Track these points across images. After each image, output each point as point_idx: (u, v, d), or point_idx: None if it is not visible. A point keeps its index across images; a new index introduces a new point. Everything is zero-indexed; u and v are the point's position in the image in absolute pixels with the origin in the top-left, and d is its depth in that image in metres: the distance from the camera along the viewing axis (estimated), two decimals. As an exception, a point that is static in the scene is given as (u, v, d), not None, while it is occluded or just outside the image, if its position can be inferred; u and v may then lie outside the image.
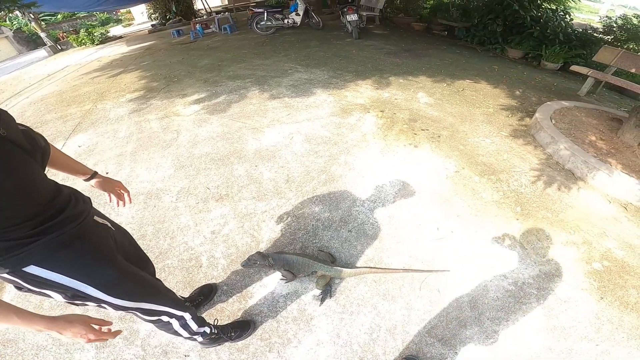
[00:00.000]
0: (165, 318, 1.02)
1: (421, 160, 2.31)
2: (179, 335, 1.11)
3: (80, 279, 0.79)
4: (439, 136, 2.59)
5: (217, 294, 1.54)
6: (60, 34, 15.38)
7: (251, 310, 1.47)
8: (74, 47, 12.18)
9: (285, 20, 6.85)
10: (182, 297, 1.43)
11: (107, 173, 2.77)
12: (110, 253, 0.87)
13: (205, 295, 1.53)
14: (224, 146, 2.75)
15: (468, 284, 1.50)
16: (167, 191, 2.36)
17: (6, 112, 0.75)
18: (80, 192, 0.91)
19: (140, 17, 17.33)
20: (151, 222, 2.08)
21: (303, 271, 1.48)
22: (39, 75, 8.08)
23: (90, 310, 1.34)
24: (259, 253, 1.48)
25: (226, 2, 14.53)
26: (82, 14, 18.45)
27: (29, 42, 19.83)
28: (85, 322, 0.75)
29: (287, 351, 1.32)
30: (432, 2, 8.43)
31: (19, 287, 0.76)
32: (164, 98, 4.14)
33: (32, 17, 12.01)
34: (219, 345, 1.33)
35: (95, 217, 0.91)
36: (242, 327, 1.37)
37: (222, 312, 1.47)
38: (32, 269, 0.74)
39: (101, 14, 19.93)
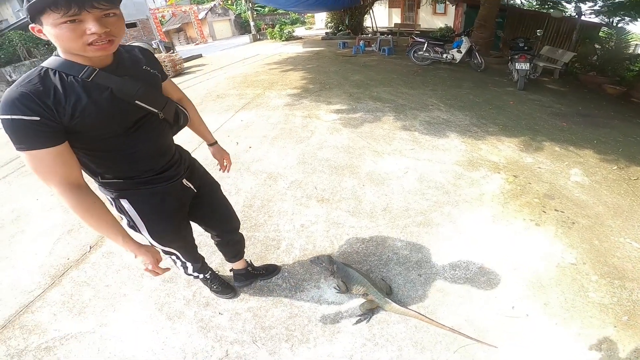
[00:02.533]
0: (174, 257, 1.44)
1: (536, 240, 2.18)
2: (179, 269, 1.55)
3: (142, 218, 1.14)
4: (574, 223, 2.33)
5: (276, 276, 1.94)
6: (263, 26, 19.58)
7: (295, 301, 1.79)
8: (267, 39, 15.24)
9: (444, 55, 6.90)
10: (250, 263, 1.91)
11: (249, 147, 3.54)
12: (170, 213, 1.21)
13: (268, 272, 1.94)
14: (343, 158, 3.16)
15: None
16: (284, 177, 2.93)
17: (170, 99, 1.11)
18: (186, 156, 1.28)
19: (320, 23, 20.18)
20: (262, 197, 2.68)
21: (357, 289, 1.71)
22: (238, 57, 10.54)
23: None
24: (329, 256, 1.79)
25: (392, 25, 15.36)
26: (281, 11, 22.91)
27: (242, 27, 26.01)
28: (153, 257, 1.05)
29: (300, 347, 1.56)
30: (645, 63, 6.87)
31: (111, 204, 1.15)
32: (313, 100, 4.90)
33: (250, 6, 15.54)
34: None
35: (184, 181, 1.23)
36: (225, 290, 1.79)
37: (272, 292, 1.86)
38: (123, 201, 1.10)
39: (294, 14, 24.23)
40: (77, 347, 1.63)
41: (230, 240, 1.67)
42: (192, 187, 1.29)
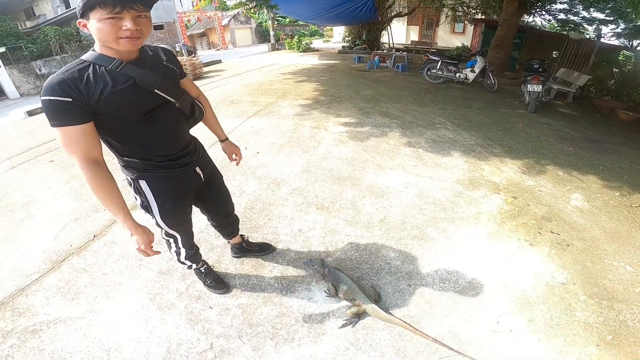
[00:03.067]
0: (172, 241, 1.58)
1: (528, 260, 2.19)
2: (172, 255, 1.69)
3: (155, 199, 1.32)
4: (568, 245, 2.34)
5: (270, 255, 2.14)
6: (282, 36, 20.11)
7: (285, 301, 1.85)
8: (285, 49, 15.64)
9: (457, 74, 6.95)
10: (246, 240, 2.11)
11: (257, 153, 3.64)
12: (182, 196, 1.39)
13: (262, 249, 2.13)
14: (346, 169, 3.23)
15: None
16: (287, 184, 3.03)
17: (187, 92, 1.28)
18: (199, 146, 1.46)
19: (337, 36, 20.64)
20: (263, 201, 2.78)
21: (346, 293, 1.75)
22: (256, 65, 10.83)
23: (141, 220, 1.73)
24: (321, 260, 1.85)
25: (409, 43, 15.58)
26: (301, 23, 23.56)
27: (262, 36, 26.81)
28: (147, 238, 1.20)
29: (284, 346, 1.61)
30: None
31: (130, 184, 1.33)
32: (322, 112, 5.01)
33: (271, 16, 15.98)
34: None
35: (196, 169, 1.41)
36: (218, 285, 1.88)
37: (264, 290, 1.92)
38: (141, 182, 1.27)
39: (313, 27, 24.86)
40: (63, 331, 1.68)
41: (224, 223, 1.85)
42: (202, 175, 1.46)
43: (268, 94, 6.22)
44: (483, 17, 11.93)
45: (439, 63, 7.05)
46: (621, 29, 8.47)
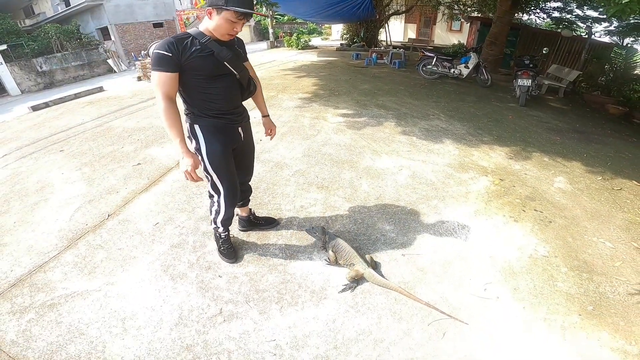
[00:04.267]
0: (215, 198, 1.81)
1: (512, 234, 2.34)
2: (210, 214, 1.91)
3: (203, 140, 1.64)
4: (551, 222, 2.48)
5: (275, 229, 2.30)
6: (281, 34, 20.09)
7: (289, 269, 1.99)
8: (284, 46, 15.65)
9: (452, 70, 7.09)
10: (253, 213, 2.29)
11: (260, 140, 3.78)
12: (226, 143, 1.70)
13: (267, 222, 2.32)
14: (344, 154, 3.39)
15: (474, 343, 1.58)
16: (289, 167, 3.19)
17: (244, 67, 1.66)
18: (246, 114, 1.82)
19: (336, 34, 20.65)
20: (268, 181, 2.94)
21: (345, 259, 1.90)
22: (255, 62, 10.91)
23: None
24: (322, 227, 1.99)
25: (407, 40, 15.69)
26: (299, 21, 23.54)
27: (260, 34, 26.73)
28: (195, 162, 1.52)
29: (288, 309, 1.74)
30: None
31: (188, 130, 1.66)
32: (322, 104, 5.15)
33: (270, 14, 15.98)
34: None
35: (239, 128, 1.77)
36: (230, 254, 2.03)
37: (269, 260, 2.07)
38: (196, 126, 1.62)
39: (312, 24, 24.86)
40: (80, 303, 1.78)
41: (242, 187, 2.01)
42: (242, 135, 1.80)
43: (269, 88, 6.34)
44: (479, 15, 12.10)
45: (434, 59, 7.20)
46: (614, 27, 8.64)
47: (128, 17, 15.77)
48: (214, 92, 1.56)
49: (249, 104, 1.85)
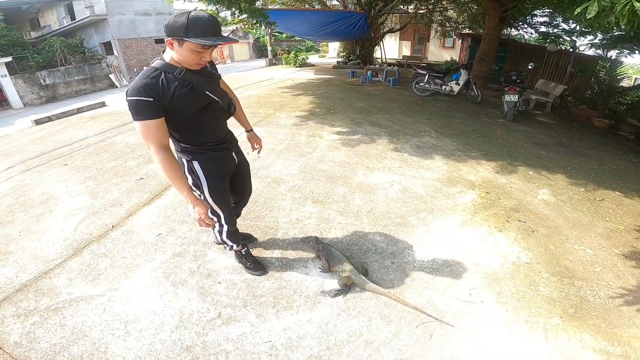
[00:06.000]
0: (215, 219, 1.79)
1: (496, 243, 2.47)
2: (215, 237, 2.00)
3: (204, 176, 1.63)
4: (533, 231, 2.63)
5: (254, 247, 2.36)
6: (279, 51, 20.64)
7: (285, 276, 2.10)
8: (282, 64, 16.08)
9: (443, 87, 7.35)
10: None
11: (259, 157, 3.94)
12: (225, 174, 1.73)
13: (244, 238, 2.29)
14: (338, 170, 3.56)
15: (460, 344, 1.68)
16: (286, 182, 3.34)
17: (226, 93, 1.62)
18: (234, 138, 1.80)
19: (333, 52, 21.21)
20: (265, 195, 3.08)
21: (337, 266, 2.02)
22: (254, 79, 11.22)
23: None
24: (316, 237, 2.13)
25: (401, 57, 16.23)
26: (298, 38, 24.22)
27: (259, 51, 27.41)
28: (206, 209, 1.50)
29: (284, 313, 1.85)
30: (637, 98, 7.14)
31: (184, 166, 1.63)
32: (318, 122, 5.37)
33: (269, 32, 16.45)
34: (239, 262, 2.14)
35: (232, 153, 1.75)
36: (257, 267, 2.09)
37: (267, 268, 2.17)
38: (194, 162, 1.59)
39: (309, 42, 25.58)
40: (84, 308, 1.87)
41: (241, 204, 2.12)
42: (236, 159, 1.81)
43: (267, 106, 6.57)
44: (470, 31, 12.57)
45: (427, 76, 7.47)
46: (599, 40, 8.77)
47: (131, 32, 16.21)
48: (202, 125, 1.52)
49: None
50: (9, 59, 11.67)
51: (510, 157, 4.12)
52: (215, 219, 1.81)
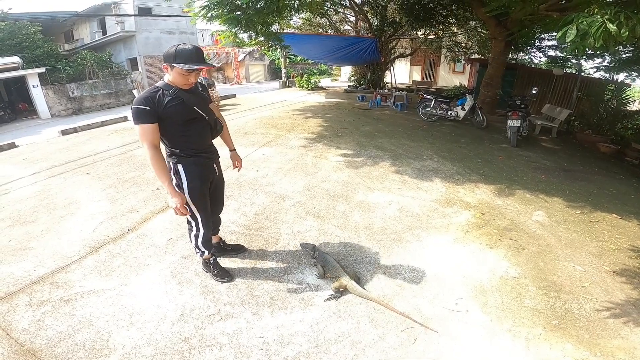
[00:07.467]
0: (194, 223, 2.03)
1: (486, 258, 2.58)
2: (190, 241, 2.12)
3: (185, 177, 1.88)
4: (524, 249, 2.73)
5: (244, 254, 2.55)
6: (293, 74, 21.45)
7: (283, 280, 2.27)
8: (295, 86, 16.69)
9: (449, 112, 7.53)
10: (222, 240, 2.51)
11: (266, 175, 4.21)
12: (204, 179, 1.97)
13: (235, 249, 2.54)
14: (340, 189, 3.77)
15: (442, 349, 1.78)
16: (290, 198, 3.55)
17: (211, 110, 1.96)
18: (216, 151, 2.08)
19: (344, 76, 21.87)
20: (270, 210, 3.28)
21: (331, 272, 2.18)
22: (267, 101, 11.74)
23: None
24: (313, 245, 2.30)
25: (411, 82, 16.68)
26: (311, 62, 25.13)
27: (274, 73, 28.44)
28: (182, 200, 1.79)
29: (278, 312, 2.01)
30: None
31: (170, 169, 1.90)
32: (325, 145, 5.64)
33: (284, 54, 17.19)
34: (207, 272, 2.28)
35: (214, 164, 2.05)
36: (224, 274, 2.25)
37: (266, 272, 2.35)
38: (179, 165, 1.86)
39: (322, 65, 26.52)
40: (94, 300, 2.06)
41: (214, 217, 2.25)
42: (216, 171, 2.09)
43: (278, 127, 6.90)
44: (479, 56, 12.74)
45: (433, 102, 7.66)
46: (607, 63, 8.64)
47: (155, 50, 17.12)
48: (189, 134, 1.82)
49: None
50: (43, 69, 12.06)
51: (509, 181, 4.23)
52: (193, 222, 2.03)
